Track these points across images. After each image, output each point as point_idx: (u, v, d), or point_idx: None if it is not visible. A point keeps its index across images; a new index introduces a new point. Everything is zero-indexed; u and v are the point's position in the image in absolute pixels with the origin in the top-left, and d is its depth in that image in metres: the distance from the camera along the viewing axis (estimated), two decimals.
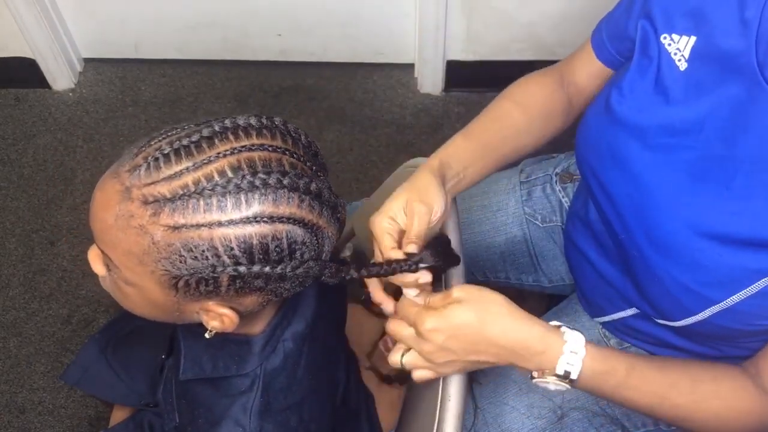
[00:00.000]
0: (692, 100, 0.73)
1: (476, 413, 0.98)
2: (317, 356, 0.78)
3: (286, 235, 0.60)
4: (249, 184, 0.58)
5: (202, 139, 0.60)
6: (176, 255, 0.59)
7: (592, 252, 0.93)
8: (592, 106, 0.86)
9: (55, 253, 1.74)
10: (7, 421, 1.53)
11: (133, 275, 0.63)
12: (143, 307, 0.68)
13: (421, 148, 1.88)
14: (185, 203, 0.58)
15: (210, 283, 0.61)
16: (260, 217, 0.59)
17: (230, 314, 0.65)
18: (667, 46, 0.75)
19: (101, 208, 0.61)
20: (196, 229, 0.58)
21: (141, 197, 0.59)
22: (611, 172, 0.81)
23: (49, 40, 1.87)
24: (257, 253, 0.60)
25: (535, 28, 1.83)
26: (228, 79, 2.01)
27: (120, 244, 0.61)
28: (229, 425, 0.72)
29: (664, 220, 0.75)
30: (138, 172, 0.59)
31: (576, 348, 0.70)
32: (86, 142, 1.91)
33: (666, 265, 0.75)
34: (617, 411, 0.96)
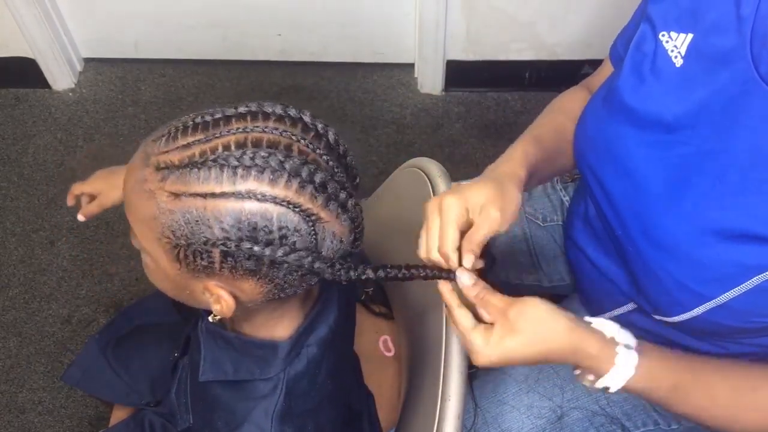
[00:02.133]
0: (686, 95, 0.74)
1: (476, 413, 0.98)
2: (337, 362, 0.78)
3: (278, 217, 0.60)
4: (249, 160, 0.59)
5: (222, 117, 0.62)
6: (176, 223, 0.61)
7: (590, 248, 0.93)
8: (590, 104, 0.87)
9: (55, 253, 1.74)
10: (7, 421, 1.53)
11: (146, 242, 0.64)
12: (161, 280, 0.69)
13: (421, 148, 1.88)
14: (189, 172, 0.60)
15: (204, 257, 0.62)
16: (252, 193, 0.59)
17: (227, 298, 0.65)
18: (664, 43, 0.76)
19: (128, 173, 0.64)
20: (193, 198, 0.60)
21: (155, 163, 0.61)
22: (608, 167, 0.82)
23: (49, 40, 1.87)
24: (245, 229, 0.60)
25: (535, 28, 1.83)
26: (228, 79, 2.01)
27: (136, 210, 0.63)
28: (250, 429, 0.72)
29: (658, 215, 0.75)
30: (159, 141, 0.62)
31: (624, 373, 0.71)
32: (86, 142, 1.91)
33: (661, 260, 0.75)
34: (617, 410, 0.97)
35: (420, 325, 0.94)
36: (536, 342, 0.69)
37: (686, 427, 0.98)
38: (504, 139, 1.89)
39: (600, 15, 1.80)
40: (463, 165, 1.85)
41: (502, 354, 0.69)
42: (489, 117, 1.94)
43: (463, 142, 1.89)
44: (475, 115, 1.94)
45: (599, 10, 1.79)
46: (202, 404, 0.78)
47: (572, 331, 0.70)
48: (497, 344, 0.69)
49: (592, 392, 0.75)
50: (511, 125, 1.91)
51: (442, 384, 0.79)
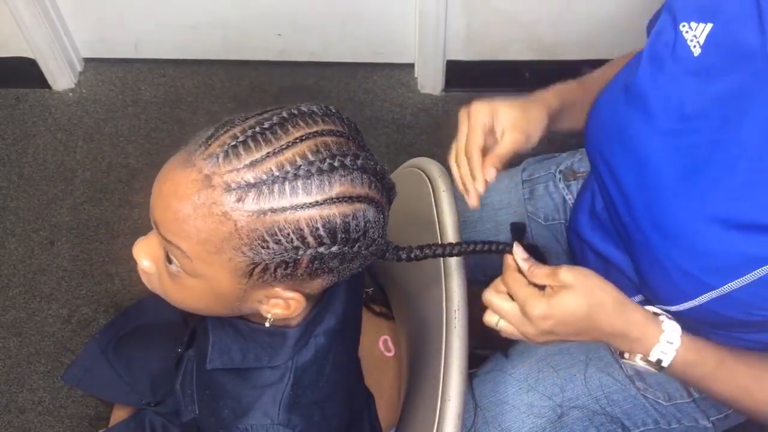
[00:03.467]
0: (702, 84, 0.74)
1: (476, 412, 0.98)
2: (343, 355, 0.79)
3: (363, 214, 0.63)
4: (329, 166, 0.60)
5: (276, 125, 0.61)
6: (259, 240, 0.60)
7: (597, 240, 0.94)
8: (605, 92, 0.87)
9: (55, 253, 1.74)
10: (7, 421, 1.53)
11: (204, 265, 0.63)
12: (202, 301, 0.68)
13: (421, 148, 1.88)
14: (270, 188, 0.59)
15: (289, 266, 0.62)
16: (342, 197, 0.61)
17: (298, 297, 0.66)
18: (684, 33, 0.77)
19: (175, 198, 0.61)
20: (282, 212, 0.59)
21: (223, 184, 0.59)
22: (620, 154, 0.82)
23: (49, 40, 1.87)
24: (340, 232, 0.61)
25: (535, 28, 1.83)
26: (228, 79, 2.01)
27: (197, 234, 0.60)
28: (257, 416, 0.72)
29: (667, 203, 0.76)
30: (216, 159, 0.59)
31: (672, 338, 0.73)
32: (86, 142, 1.91)
33: (667, 248, 0.76)
34: (617, 410, 0.97)
35: (420, 325, 0.94)
36: (586, 295, 0.72)
37: (686, 427, 0.98)
38: None
39: (600, 15, 1.80)
40: None
41: (556, 307, 0.72)
42: None
43: None
44: None
45: (599, 10, 1.79)
46: (208, 393, 0.78)
47: (617, 290, 0.74)
48: (551, 297, 0.72)
49: (643, 371, 0.78)
50: None
51: (442, 384, 0.79)
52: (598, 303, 0.73)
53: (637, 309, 0.74)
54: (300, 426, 0.73)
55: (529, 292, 0.74)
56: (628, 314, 0.74)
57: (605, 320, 0.73)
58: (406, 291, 1.03)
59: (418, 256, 0.73)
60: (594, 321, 0.73)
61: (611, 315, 0.73)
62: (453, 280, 0.85)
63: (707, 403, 0.96)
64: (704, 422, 0.97)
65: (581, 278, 0.73)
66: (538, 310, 0.73)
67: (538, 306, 0.73)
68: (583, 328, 0.74)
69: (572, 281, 0.72)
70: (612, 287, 0.74)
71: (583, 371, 0.97)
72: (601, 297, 0.73)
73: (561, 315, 0.73)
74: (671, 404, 0.96)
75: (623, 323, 0.74)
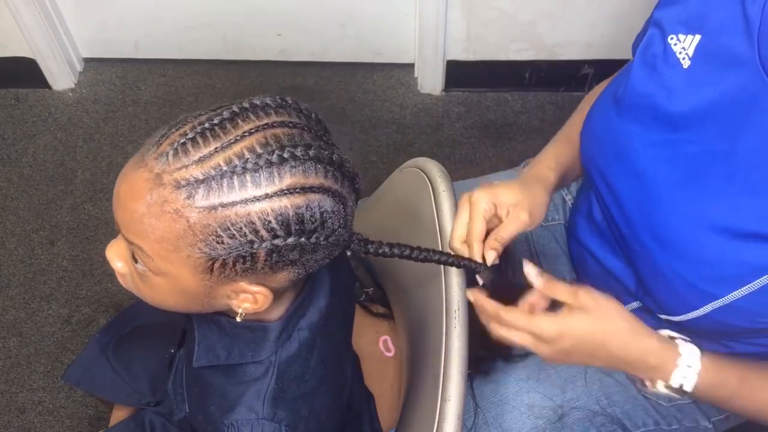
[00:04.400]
0: (694, 96, 0.74)
1: (476, 413, 0.98)
2: (329, 348, 0.78)
3: (318, 204, 0.62)
4: (279, 158, 0.60)
5: (225, 120, 0.61)
6: (213, 236, 0.60)
7: (595, 246, 0.94)
8: (595, 106, 0.87)
9: (55, 253, 1.74)
10: (7, 421, 1.53)
11: (165, 264, 0.63)
12: (171, 298, 0.68)
13: (421, 148, 1.88)
14: (219, 183, 0.59)
15: (247, 260, 0.62)
16: (293, 188, 0.60)
17: (264, 291, 0.66)
18: (673, 46, 0.77)
19: (130, 199, 0.61)
20: (232, 207, 0.59)
21: (173, 182, 0.59)
22: (615, 166, 0.82)
23: (49, 40, 1.87)
24: (293, 223, 0.61)
25: (535, 28, 1.83)
26: (228, 79, 2.01)
27: (153, 232, 0.61)
28: (242, 411, 0.72)
29: (666, 214, 0.76)
30: (166, 158, 0.60)
31: (691, 362, 0.74)
32: (86, 142, 1.91)
33: (668, 259, 0.76)
34: (617, 410, 0.97)
35: (420, 325, 0.94)
36: (601, 320, 0.72)
37: (686, 427, 0.98)
38: (504, 139, 1.89)
39: (600, 15, 1.80)
40: (463, 165, 1.85)
41: (569, 328, 0.72)
42: (489, 117, 1.94)
43: (463, 142, 1.89)
44: (475, 115, 1.94)
45: (599, 10, 1.79)
46: (196, 391, 0.78)
47: (634, 318, 0.74)
48: (564, 317, 0.73)
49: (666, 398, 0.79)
50: (511, 125, 1.91)
51: (442, 384, 0.79)
52: (614, 329, 0.73)
53: (652, 335, 0.74)
54: (286, 420, 0.73)
55: (537, 320, 0.74)
56: (645, 341, 0.74)
57: (620, 346, 0.74)
58: (405, 291, 1.02)
59: (386, 253, 0.72)
60: (608, 346, 0.73)
61: (626, 341, 0.73)
62: (453, 280, 0.85)
63: (708, 404, 0.97)
64: (705, 423, 0.97)
65: (602, 302, 0.73)
66: (553, 331, 0.73)
67: (552, 326, 0.73)
68: (598, 353, 0.74)
69: (591, 305, 0.73)
70: (629, 315, 0.74)
71: (584, 372, 0.97)
72: (617, 324, 0.73)
73: (574, 335, 0.73)
74: (672, 405, 0.96)
75: (640, 351, 0.74)
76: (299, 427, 0.74)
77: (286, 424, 0.73)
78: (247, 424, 0.72)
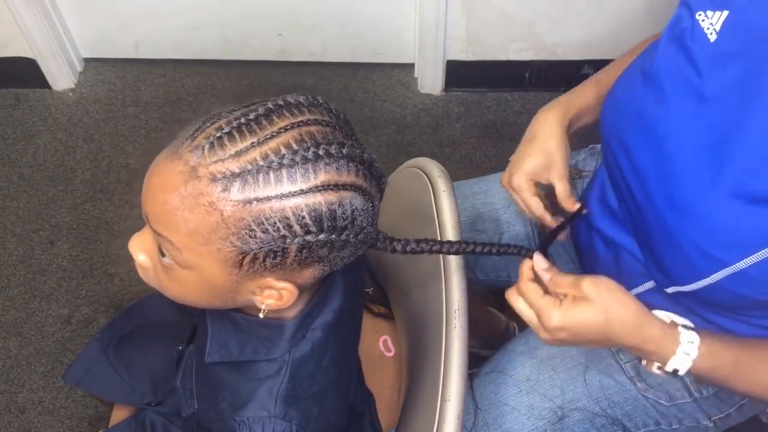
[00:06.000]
0: (719, 68, 0.76)
1: (476, 414, 0.98)
2: (341, 349, 0.79)
3: (350, 201, 0.63)
4: (314, 155, 0.61)
5: (261, 116, 0.62)
6: (246, 230, 0.60)
7: (607, 225, 0.94)
8: (621, 79, 0.90)
9: (55, 253, 1.74)
10: (7, 421, 1.53)
11: (195, 257, 0.63)
12: (196, 293, 0.68)
13: (421, 148, 1.88)
14: (255, 177, 0.59)
15: (278, 255, 0.62)
16: (327, 185, 0.61)
17: (290, 287, 0.66)
18: (701, 22, 0.79)
19: (163, 191, 0.61)
20: (267, 201, 0.60)
21: (209, 175, 0.60)
22: (636, 135, 0.84)
23: (49, 40, 1.87)
24: (326, 220, 0.62)
25: (534, 28, 1.83)
26: (228, 79, 2.01)
27: (185, 225, 0.61)
28: (254, 408, 0.72)
29: (684, 180, 0.77)
30: (202, 151, 0.60)
31: (689, 350, 0.75)
32: (86, 142, 1.91)
33: (683, 225, 0.77)
34: (618, 411, 0.97)
35: (420, 325, 0.94)
36: (604, 310, 0.73)
37: (687, 427, 0.98)
38: (504, 139, 1.89)
39: (600, 15, 1.80)
40: (463, 165, 1.85)
41: (571, 319, 0.74)
42: (489, 117, 1.94)
43: (463, 142, 1.89)
44: (475, 115, 1.94)
45: (599, 10, 1.79)
46: (207, 387, 0.78)
47: (637, 306, 0.75)
48: (567, 309, 0.74)
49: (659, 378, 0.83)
50: (511, 125, 1.91)
51: (442, 384, 0.79)
52: (617, 319, 0.74)
53: (655, 324, 0.75)
54: (297, 419, 0.73)
55: (545, 302, 0.75)
56: (646, 330, 0.75)
57: (622, 335, 0.75)
58: (406, 291, 1.03)
59: (414, 249, 0.73)
60: (609, 334, 0.75)
61: (628, 329, 0.75)
62: (453, 280, 0.85)
63: (709, 402, 0.97)
64: (706, 422, 0.97)
65: (604, 292, 0.74)
66: (554, 322, 0.74)
67: (554, 317, 0.74)
68: (597, 339, 0.75)
69: (593, 295, 0.73)
70: (633, 302, 0.75)
71: (584, 373, 0.97)
72: (620, 314, 0.74)
73: (576, 327, 0.74)
74: (672, 404, 0.96)
75: (640, 339, 0.75)
76: (309, 427, 0.74)
77: (297, 423, 0.73)
78: (258, 421, 0.72)
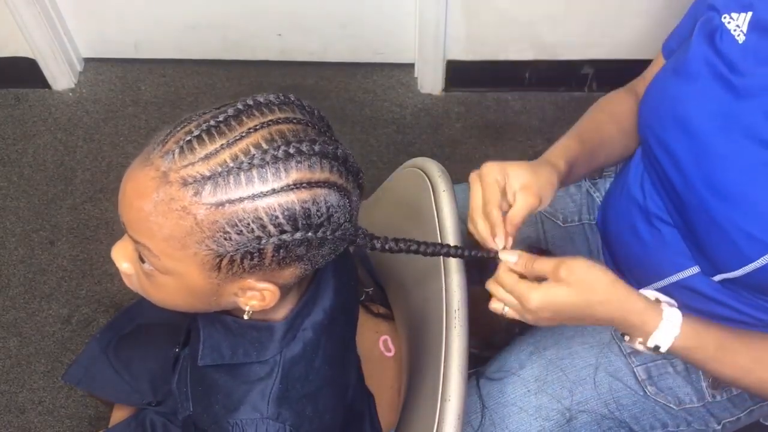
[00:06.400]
0: (751, 68, 0.78)
1: (483, 413, 0.98)
2: (334, 349, 0.79)
3: (324, 199, 0.63)
4: (285, 154, 0.60)
5: (230, 117, 0.62)
6: (220, 232, 0.60)
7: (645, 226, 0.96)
8: (656, 79, 0.91)
9: (55, 253, 1.74)
10: (7, 421, 1.53)
11: (172, 262, 0.63)
12: (179, 297, 0.68)
13: (421, 148, 1.88)
14: (225, 179, 0.59)
15: (255, 257, 0.62)
16: (300, 183, 0.61)
17: (271, 288, 0.66)
18: (727, 24, 0.81)
19: (136, 197, 0.62)
20: (239, 202, 0.60)
21: (180, 179, 0.60)
22: (672, 130, 0.85)
23: (49, 40, 1.87)
24: (300, 218, 0.62)
25: (535, 28, 1.83)
26: (228, 79, 2.01)
27: (160, 231, 0.61)
28: (246, 410, 0.73)
29: (723, 165, 0.79)
30: (172, 156, 0.60)
31: (671, 326, 0.75)
32: (86, 142, 1.91)
33: (726, 210, 0.79)
34: (625, 414, 0.97)
35: (420, 325, 0.94)
36: (583, 291, 0.74)
37: (696, 430, 0.98)
38: (504, 139, 1.89)
39: (600, 15, 1.80)
40: (463, 165, 1.85)
41: (551, 299, 0.74)
42: (489, 117, 1.94)
43: (463, 142, 1.89)
44: (475, 115, 1.94)
45: (599, 10, 1.79)
46: (201, 390, 0.78)
47: (617, 282, 0.75)
48: (547, 290, 0.74)
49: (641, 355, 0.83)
50: (511, 125, 1.91)
51: (442, 384, 0.79)
52: (597, 299, 0.75)
53: (638, 299, 0.76)
54: (290, 420, 0.73)
55: (523, 286, 0.76)
56: (630, 304, 0.75)
57: (603, 311, 0.75)
58: (405, 291, 1.02)
59: (392, 248, 0.73)
60: (592, 312, 0.75)
61: (610, 306, 0.75)
62: (453, 280, 0.85)
63: (721, 407, 0.97)
64: (714, 425, 0.98)
65: (582, 275, 0.74)
66: (534, 303, 0.75)
67: (533, 298, 0.75)
68: (580, 316, 0.76)
69: (571, 279, 0.74)
70: (613, 280, 0.75)
71: (593, 374, 0.97)
72: (602, 292, 0.75)
73: (556, 306, 0.75)
74: (681, 408, 0.96)
75: (623, 311, 0.76)
76: (303, 427, 0.74)
77: (290, 423, 0.73)
78: (251, 423, 0.72)
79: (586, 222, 1.11)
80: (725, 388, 0.96)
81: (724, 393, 0.96)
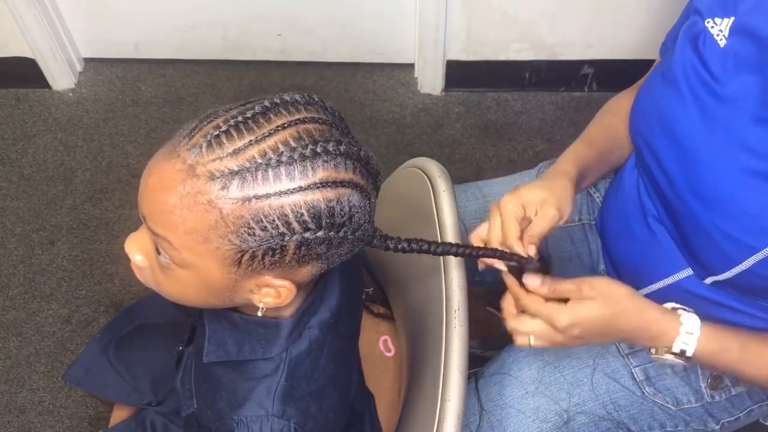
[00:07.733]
0: (731, 73, 0.79)
1: (481, 415, 0.98)
2: (339, 347, 0.79)
3: (348, 199, 0.63)
4: (312, 152, 0.61)
5: (258, 114, 0.62)
6: (245, 227, 0.60)
7: (641, 227, 0.96)
8: (646, 82, 0.93)
9: (55, 253, 1.74)
10: (7, 421, 1.53)
11: (192, 255, 0.63)
12: (193, 292, 0.68)
13: (421, 148, 1.88)
14: (254, 175, 0.60)
15: (276, 253, 0.62)
16: (325, 182, 0.61)
17: (288, 285, 0.66)
18: (710, 29, 0.82)
19: (161, 190, 0.61)
20: (266, 198, 0.60)
21: (207, 173, 0.60)
22: (659, 136, 0.87)
23: (49, 40, 1.87)
24: (325, 217, 0.62)
25: (535, 28, 1.83)
26: (228, 79, 2.01)
27: (183, 224, 0.61)
28: (252, 407, 0.73)
29: (705, 171, 0.81)
30: (199, 149, 0.60)
31: (692, 329, 0.79)
32: (86, 142, 1.91)
33: (711, 215, 0.80)
34: (623, 415, 0.97)
35: (420, 326, 0.94)
36: (608, 304, 0.78)
37: (694, 430, 0.98)
38: (504, 139, 1.89)
39: (600, 15, 1.80)
40: (463, 165, 1.85)
41: (580, 315, 0.78)
42: (489, 117, 1.94)
43: (463, 142, 1.90)
44: (475, 115, 1.94)
45: (599, 10, 1.79)
46: (205, 387, 0.78)
47: (634, 294, 0.80)
48: (574, 307, 0.78)
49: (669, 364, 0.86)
50: (511, 125, 1.91)
51: (442, 384, 0.79)
52: (620, 310, 0.79)
53: (654, 308, 0.80)
54: (295, 417, 0.73)
55: (551, 307, 0.79)
56: (647, 314, 0.80)
57: (627, 323, 0.79)
58: (405, 291, 1.03)
59: (405, 248, 0.73)
60: (616, 325, 0.79)
61: (632, 318, 0.79)
62: (453, 280, 0.85)
63: (720, 407, 0.97)
64: (713, 425, 0.98)
65: (604, 287, 0.79)
66: (564, 321, 0.78)
67: (564, 317, 0.78)
68: (607, 331, 0.80)
69: (595, 294, 0.78)
70: (632, 293, 0.80)
71: (591, 375, 0.97)
72: (622, 304, 0.79)
73: (586, 321, 0.78)
74: (679, 409, 0.96)
75: (643, 322, 0.80)
76: (308, 425, 0.74)
77: (295, 421, 0.73)
78: (256, 420, 0.72)
79: (586, 222, 1.11)
80: (724, 388, 0.96)
81: (723, 393, 0.96)
